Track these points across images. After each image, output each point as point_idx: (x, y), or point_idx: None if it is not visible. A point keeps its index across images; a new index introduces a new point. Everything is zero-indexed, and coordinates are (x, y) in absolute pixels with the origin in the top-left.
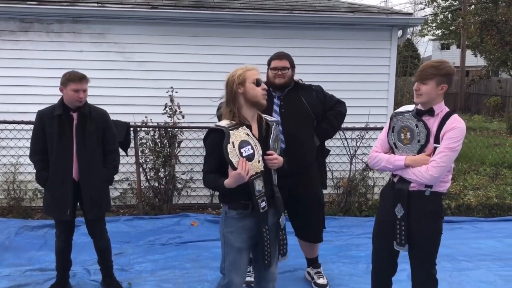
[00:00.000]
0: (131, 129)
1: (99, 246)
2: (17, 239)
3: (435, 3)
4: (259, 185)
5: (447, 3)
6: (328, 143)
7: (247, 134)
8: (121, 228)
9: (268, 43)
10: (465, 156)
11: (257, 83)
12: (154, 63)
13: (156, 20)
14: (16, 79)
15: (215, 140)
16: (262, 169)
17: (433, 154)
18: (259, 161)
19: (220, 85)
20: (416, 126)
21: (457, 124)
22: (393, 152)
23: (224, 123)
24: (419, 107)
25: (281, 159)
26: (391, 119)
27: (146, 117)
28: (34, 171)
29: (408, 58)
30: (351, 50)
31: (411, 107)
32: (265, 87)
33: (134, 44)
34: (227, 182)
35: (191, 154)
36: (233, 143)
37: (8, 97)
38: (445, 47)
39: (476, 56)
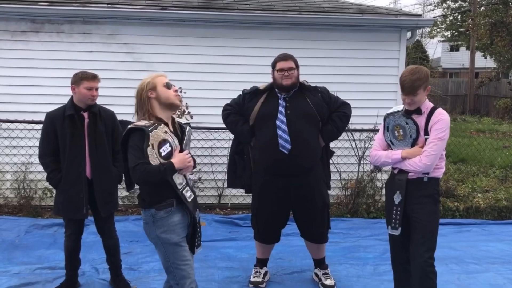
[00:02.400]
0: None
1: (107, 245)
2: (27, 238)
3: (444, 5)
4: (179, 178)
5: (456, 5)
6: (336, 144)
7: (165, 132)
8: (130, 227)
9: (276, 44)
10: (474, 158)
11: (168, 86)
12: (163, 63)
13: (165, 21)
14: (27, 79)
15: (138, 138)
16: None
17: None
18: None
19: (229, 86)
20: (406, 123)
21: (441, 117)
22: (391, 149)
23: (143, 123)
24: (407, 107)
25: (191, 159)
26: (384, 120)
27: None
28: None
29: (417, 60)
30: (360, 51)
31: (400, 107)
32: (176, 88)
33: (143, 45)
34: (176, 161)
35: (199, 155)
36: (152, 145)
37: (19, 97)
38: (454, 48)
39: (485, 58)
